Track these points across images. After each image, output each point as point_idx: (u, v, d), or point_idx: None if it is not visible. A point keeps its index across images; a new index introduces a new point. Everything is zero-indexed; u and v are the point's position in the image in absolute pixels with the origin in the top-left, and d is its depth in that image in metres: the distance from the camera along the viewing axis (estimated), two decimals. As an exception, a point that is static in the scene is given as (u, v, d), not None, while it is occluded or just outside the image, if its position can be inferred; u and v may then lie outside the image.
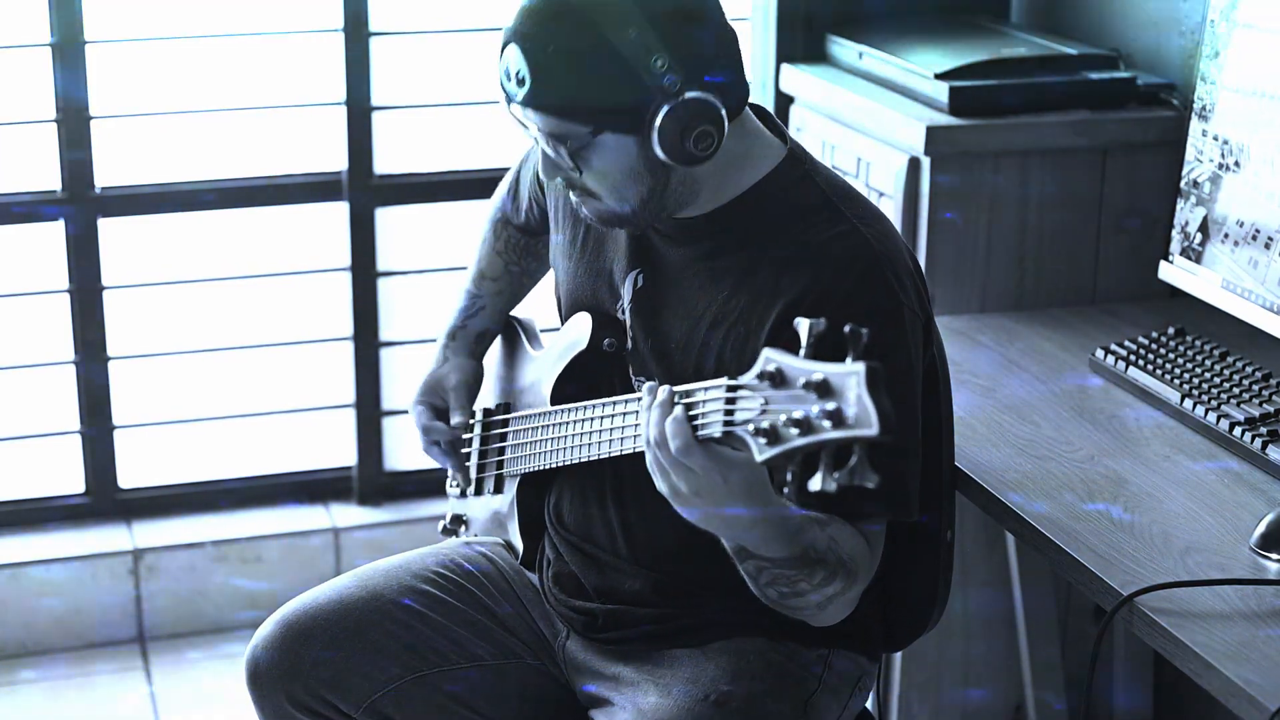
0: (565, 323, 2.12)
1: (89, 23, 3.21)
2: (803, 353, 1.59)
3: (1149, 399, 2.31)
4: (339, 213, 3.45)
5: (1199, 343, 2.38)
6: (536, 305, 2.38)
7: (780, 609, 1.87)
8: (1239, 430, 2.16)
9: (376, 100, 3.40)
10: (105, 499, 3.48)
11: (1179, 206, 2.47)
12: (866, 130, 2.75)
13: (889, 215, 2.40)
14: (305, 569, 3.47)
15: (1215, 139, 2.40)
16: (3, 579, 3.36)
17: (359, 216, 3.44)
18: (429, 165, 3.49)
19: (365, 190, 3.43)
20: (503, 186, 2.33)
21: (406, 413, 3.52)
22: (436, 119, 3.49)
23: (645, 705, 2.00)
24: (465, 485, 2.28)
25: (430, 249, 3.53)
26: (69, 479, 3.48)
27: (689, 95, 1.83)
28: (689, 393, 1.70)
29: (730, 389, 1.64)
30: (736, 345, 1.91)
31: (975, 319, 2.64)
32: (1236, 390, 2.25)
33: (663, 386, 1.72)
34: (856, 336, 1.54)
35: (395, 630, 2.13)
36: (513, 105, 1.89)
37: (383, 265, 3.50)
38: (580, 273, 2.09)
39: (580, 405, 2.02)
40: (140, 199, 3.36)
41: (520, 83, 1.86)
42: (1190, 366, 2.32)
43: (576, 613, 2.11)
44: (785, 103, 3.00)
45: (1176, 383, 2.29)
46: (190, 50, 3.35)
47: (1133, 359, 2.37)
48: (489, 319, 2.32)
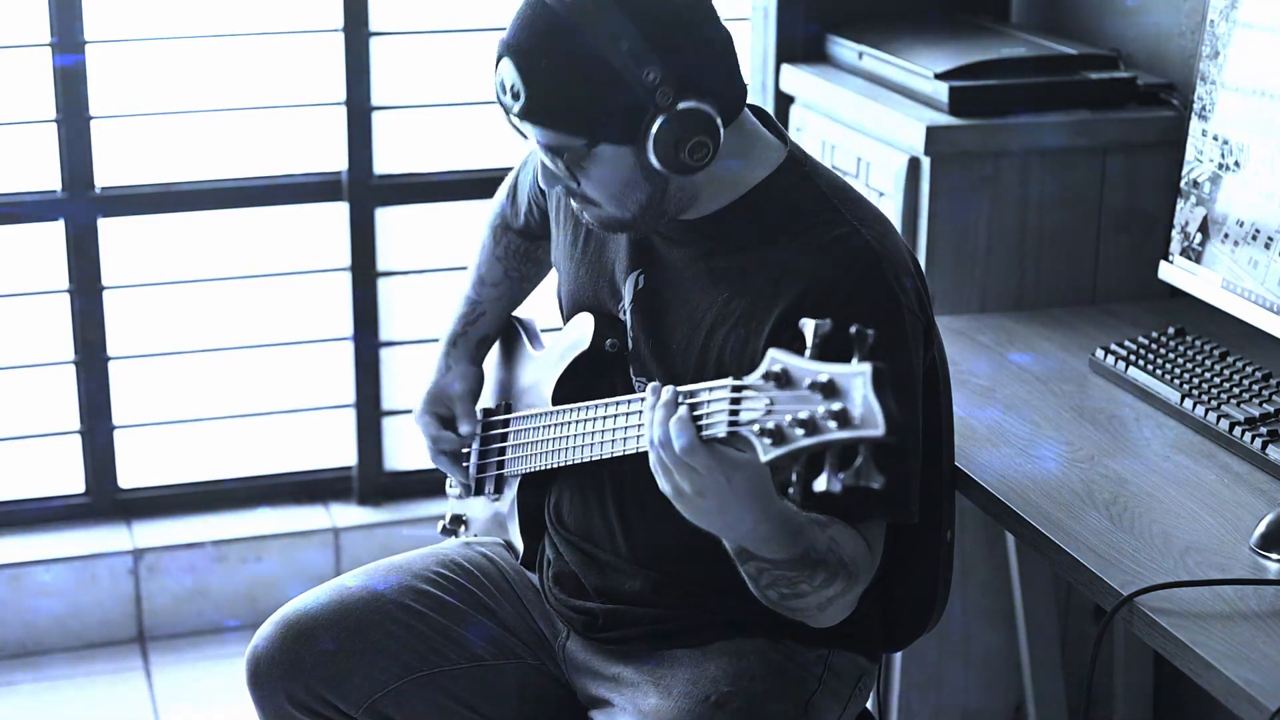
0: (567, 323, 2.12)
1: (89, 23, 3.21)
2: (808, 353, 1.58)
3: (1149, 399, 2.31)
4: (339, 213, 3.45)
5: (1199, 343, 2.38)
6: (537, 305, 2.38)
7: (780, 610, 1.87)
8: (1239, 430, 2.16)
9: (376, 100, 3.40)
10: (105, 499, 3.48)
11: (1179, 206, 2.47)
12: (866, 130, 2.75)
13: (889, 215, 2.40)
14: (305, 569, 3.47)
15: (1215, 139, 2.40)
16: (3, 579, 3.35)
17: (359, 216, 3.44)
18: (429, 165, 3.49)
19: (365, 190, 3.43)
20: (502, 191, 2.33)
21: (407, 412, 3.55)
22: (436, 119, 3.49)
23: (645, 706, 2.00)
24: (467, 488, 2.29)
25: (430, 249, 3.53)
26: (69, 479, 3.48)
27: (683, 106, 1.83)
28: (693, 393, 1.69)
29: (735, 389, 1.64)
30: (737, 347, 1.91)
31: (975, 319, 2.64)
32: (1236, 390, 2.25)
33: (667, 386, 1.72)
34: (862, 337, 1.54)
35: (395, 630, 2.13)
36: (510, 116, 1.89)
37: (383, 265, 3.50)
38: (581, 274, 2.09)
39: (582, 405, 2.02)
40: (140, 199, 3.36)
41: (515, 96, 1.86)
42: (1190, 366, 2.32)
43: (576, 613, 2.11)
44: (785, 103, 3.00)
45: (1176, 383, 2.29)
46: (190, 50, 3.34)
47: (1133, 359, 2.37)
48: (489, 325, 2.32)
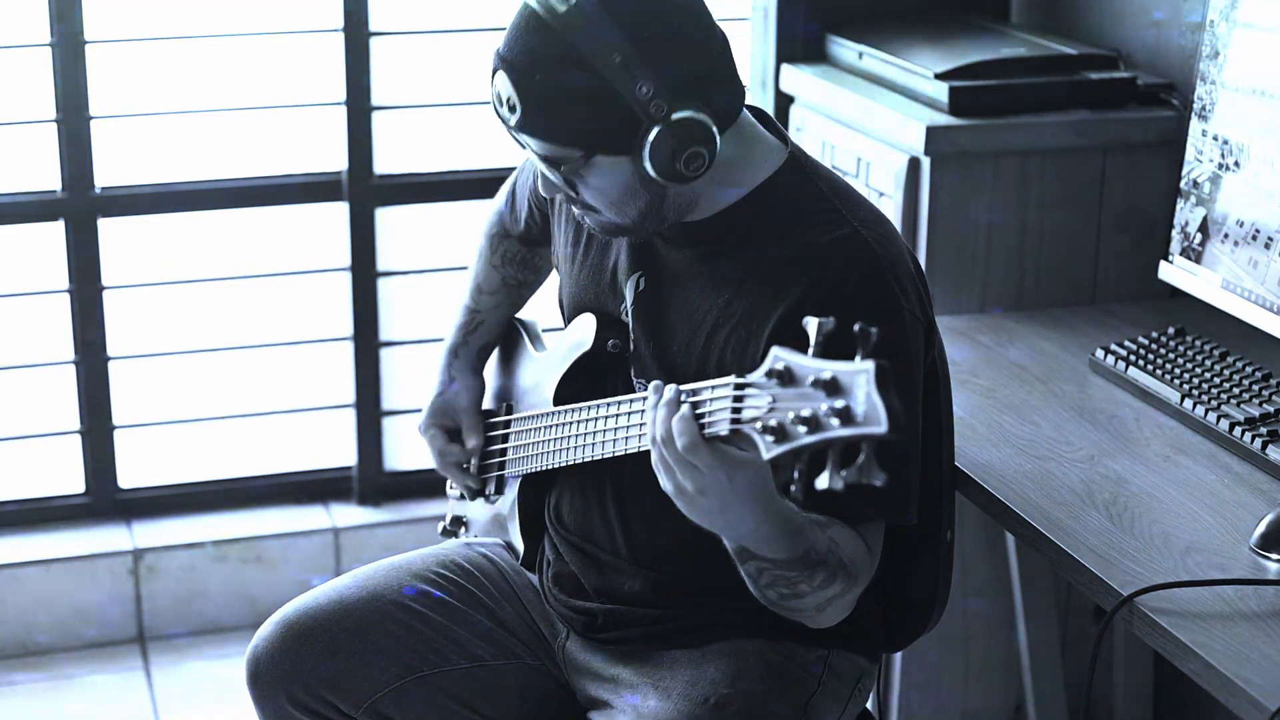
0: (569, 324, 2.12)
1: (89, 23, 3.21)
2: (811, 351, 1.58)
3: (1149, 399, 2.31)
4: (339, 213, 3.45)
5: (1199, 343, 2.38)
6: (537, 306, 2.38)
7: (779, 610, 1.87)
8: (1239, 430, 2.16)
9: (376, 100, 3.40)
10: (105, 499, 3.48)
11: (1179, 206, 2.47)
12: (866, 130, 2.75)
13: (889, 215, 2.40)
14: (305, 569, 3.47)
15: (1215, 139, 2.40)
16: (3, 579, 3.35)
17: (359, 216, 3.44)
18: (429, 165, 3.49)
19: (365, 190, 3.43)
20: (499, 198, 2.33)
21: (407, 412, 3.55)
22: (436, 119, 3.49)
23: (644, 709, 2.00)
24: (474, 493, 2.29)
25: (430, 249, 3.53)
26: (69, 479, 3.47)
27: (677, 116, 1.82)
28: (696, 391, 1.69)
29: (738, 387, 1.64)
30: (738, 348, 1.91)
31: (975, 319, 2.64)
32: (1236, 390, 2.24)
33: (669, 385, 1.72)
34: (866, 335, 1.54)
35: (395, 631, 2.13)
36: (508, 127, 1.89)
37: (383, 265, 3.50)
38: (583, 276, 2.09)
39: (583, 405, 2.01)
40: (140, 199, 3.36)
41: (512, 109, 1.86)
42: (1190, 366, 2.32)
43: (576, 613, 2.11)
44: (785, 103, 3.00)
45: (1176, 383, 2.29)
46: (190, 50, 3.34)
47: (1133, 359, 2.37)
48: (489, 333, 2.32)
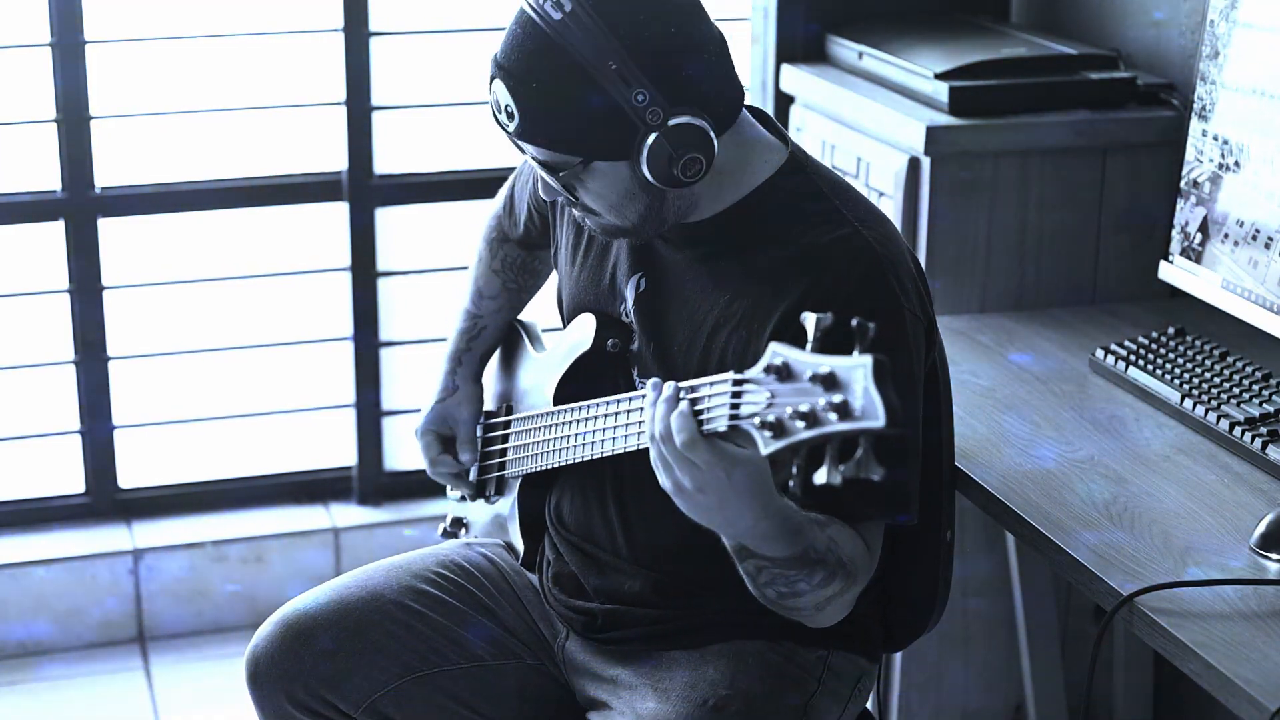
0: (568, 325, 2.11)
1: (89, 23, 3.21)
2: (809, 346, 1.58)
3: (1149, 399, 2.31)
4: (339, 213, 3.45)
5: (1199, 343, 2.38)
6: (538, 307, 2.38)
7: (778, 609, 1.87)
8: (1239, 430, 2.16)
9: (376, 100, 3.40)
10: (105, 499, 3.48)
11: (1179, 206, 2.47)
12: (866, 130, 2.75)
13: (889, 215, 2.40)
14: (305, 569, 3.47)
15: (1215, 139, 2.39)
16: (3, 579, 3.35)
17: (359, 216, 3.44)
18: (429, 165, 3.49)
19: (365, 190, 3.43)
20: (497, 202, 2.33)
21: (407, 412, 3.55)
22: (436, 119, 3.49)
23: (643, 710, 2.00)
24: (470, 494, 2.29)
25: (430, 249, 3.53)
26: (69, 479, 3.47)
27: (674, 122, 1.82)
28: (694, 387, 1.69)
29: (737, 383, 1.64)
30: (739, 348, 1.91)
31: (975, 319, 2.64)
32: (1236, 390, 2.24)
33: (668, 382, 1.72)
34: (863, 330, 1.53)
35: (395, 630, 2.13)
36: (507, 134, 1.89)
37: (383, 265, 3.50)
38: (583, 277, 2.09)
39: (583, 405, 2.01)
40: (140, 199, 3.35)
41: (510, 116, 1.86)
42: (1190, 366, 2.32)
43: (576, 613, 2.11)
44: (785, 103, 3.00)
45: (1176, 383, 2.29)
46: (190, 50, 3.34)
47: (1133, 359, 2.37)
48: (491, 339, 2.33)
